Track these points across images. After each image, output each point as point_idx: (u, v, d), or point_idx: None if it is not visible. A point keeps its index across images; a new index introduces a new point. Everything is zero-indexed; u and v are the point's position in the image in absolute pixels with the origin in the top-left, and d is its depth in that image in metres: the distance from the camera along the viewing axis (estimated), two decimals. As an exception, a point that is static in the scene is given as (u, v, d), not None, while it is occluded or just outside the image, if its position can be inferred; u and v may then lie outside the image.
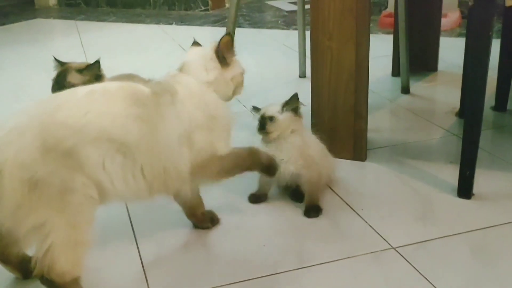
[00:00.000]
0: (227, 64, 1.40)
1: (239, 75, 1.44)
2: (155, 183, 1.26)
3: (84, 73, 2.03)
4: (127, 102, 1.21)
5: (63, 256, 1.14)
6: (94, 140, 1.14)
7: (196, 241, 1.47)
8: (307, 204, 1.56)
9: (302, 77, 2.83)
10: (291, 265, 1.34)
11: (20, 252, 1.28)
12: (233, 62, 1.42)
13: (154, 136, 1.23)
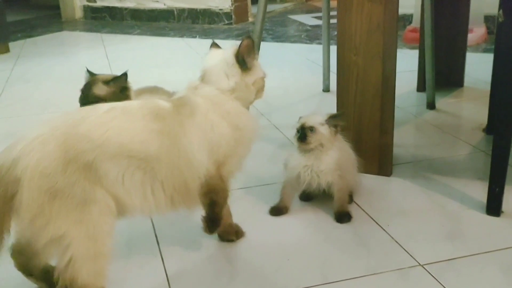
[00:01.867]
0: (248, 68, 1.36)
1: (260, 79, 1.41)
2: (176, 196, 1.25)
3: (110, 85, 2.05)
4: (147, 118, 1.21)
5: (85, 268, 1.14)
6: (113, 156, 1.15)
7: (220, 254, 1.46)
8: (338, 211, 1.59)
9: (326, 91, 2.83)
10: (315, 280, 1.33)
11: (43, 263, 1.27)
12: (254, 66, 1.37)
13: (176, 149, 1.23)
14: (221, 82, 1.34)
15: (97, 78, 2.08)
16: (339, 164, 1.57)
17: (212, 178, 1.30)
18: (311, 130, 1.55)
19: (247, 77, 1.36)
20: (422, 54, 2.57)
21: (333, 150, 1.57)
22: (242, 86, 1.35)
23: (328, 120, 1.57)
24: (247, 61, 1.35)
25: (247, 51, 1.35)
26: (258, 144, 2.14)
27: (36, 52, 4.13)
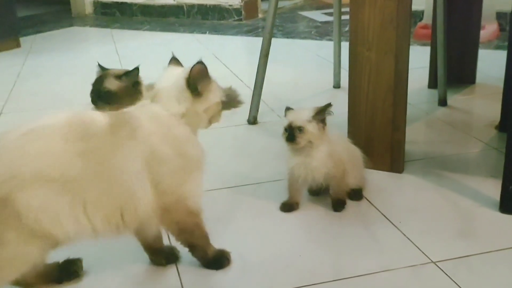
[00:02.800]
0: (199, 94, 1.26)
1: (214, 106, 1.30)
2: (109, 221, 1.17)
3: (122, 80, 2.05)
4: (70, 138, 1.12)
5: None
6: (31, 185, 1.07)
7: (231, 249, 1.45)
8: (334, 198, 1.60)
9: (337, 87, 2.81)
10: (327, 276, 1.32)
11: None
12: (207, 92, 1.28)
13: (105, 173, 1.14)
14: (172, 105, 1.25)
15: (108, 72, 2.08)
16: (331, 156, 1.56)
17: (175, 213, 1.24)
18: (299, 130, 1.52)
19: (198, 104, 1.26)
20: (434, 50, 2.56)
21: (323, 144, 1.56)
22: (192, 112, 1.26)
23: (315, 116, 1.54)
24: (198, 87, 1.26)
25: (199, 76, 1.26)
26: (268, 139, 2.16)
27: (47, 47, 4.14)
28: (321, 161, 1.55)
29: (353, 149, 1.67)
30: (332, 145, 1.58)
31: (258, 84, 2.36)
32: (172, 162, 1.21)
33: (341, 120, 2.32)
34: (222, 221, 1.59)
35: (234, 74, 3.15)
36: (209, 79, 1.29)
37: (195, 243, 1.32)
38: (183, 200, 1.24)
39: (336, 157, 1.57)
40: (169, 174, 1.21)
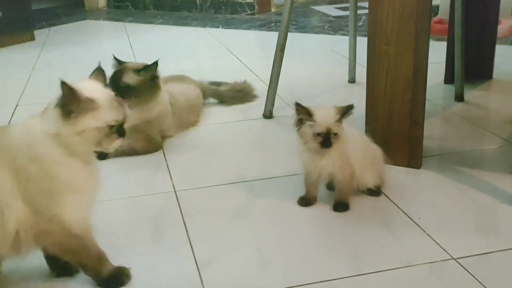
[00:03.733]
0: (68, 116, 1.15)
1: (92, 131, 1.17)
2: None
3: (141, 74, 2.05)
4: None
5: None
6: None
7: (248, 243, 1.45)
8: (336, 200, 1.59)
9: (352, 82, 2.80)
10: (347, 272, 1.31)
11: None
12: (82, 115, 1.15)
13: None
14: (47, 123, 1.18)
15: (126, 66, 2.08)
16: (341, 157, 1.54)
17: (50, 235, 1.20)
18: (335, 135, 1.51)
19: (68, 126, 1.15)
20: (450, 45, 2.53)
21: (339, 143, 1.53)
22: (63, 134, 1.17)
23: (339, 119, 1.52)
24: (70, 108, 1.15)
25: (67, 100, 1.14)
26: (284, 134, 2.16)
27: (61, 40, 4.15)
28: (330, 160, 1.54)
29: (373, 149, 1.65)
30: (345, 146, 1.55)
31: (273, 78, 2.35)
32: (39, 182, 1.16)
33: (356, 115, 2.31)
34: (239, 215, 1.59)
35: (248, 68, 3.15)
36: (78, 102, 1.14)
37: (83, 263, 1.27)
38: (59, 222, 1.18)
39: (345, 159, 1.55)
40: (38, 194, 1.16)
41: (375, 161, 1.65)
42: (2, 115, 2.50)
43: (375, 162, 1.64)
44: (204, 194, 1.72)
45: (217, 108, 2.52)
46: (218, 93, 2.57)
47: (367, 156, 1.61)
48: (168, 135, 2.17)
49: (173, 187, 1.78)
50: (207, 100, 2.55)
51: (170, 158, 2.00)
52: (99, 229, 1.53)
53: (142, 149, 2.04)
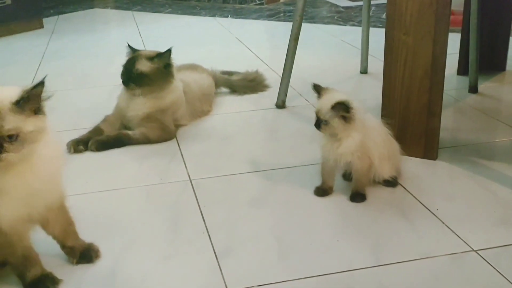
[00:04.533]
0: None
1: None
2: None
3: (154, 61, 2.04)
4: None
5: None
6: None
7: (267, 234, 1.45)
8: (353, 190, 1.59)
9: (364, 73, 2.78)
10: (367, 262, 1.31)
11: None
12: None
13: None
14: None
15: (140, 54, 2.08)
16: (360, 147, 1.53)
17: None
18: (325, 123, 1.51)
19: None
20: (465, 36, 2.52)
21: (356, 134, 1.52)
22: None
23: (333, 112, 1.50)
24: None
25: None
26: (297, 124, 2.14)
27: (69, 29, 4.14)
28: (348, 149, 1.53)
29: (392, 142, 1.64)
30: (366, 136, 1.55)
31: (287, 68, 2.33)
32: None
33: (369, 105, 2.31)
34: (256, 204, 1.59)
35: (259, 58, 3.13)
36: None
37: (8, 261, 1.24)
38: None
39: (365, 150, 1.55)
40: None
41: (393, 153, 1.64)
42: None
43: (393, 154, 1.63)
44: (220, 183, 1.72)
45: (229, 97, 2.51)
46: (230, 83, 2.56)
47: (387, 148, 1.60)
48: (181, 124, 2.16)
49: (188, 176, 1.77)
50: (219, 90, 2.54)
51: (184, 147, 1.99)
52: (116, 217, 1.55)
53: (156, 137, 2.03)
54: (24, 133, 1.10)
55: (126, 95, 2.09)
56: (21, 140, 1.09)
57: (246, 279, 1.27)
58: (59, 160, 1.24)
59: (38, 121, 1.13)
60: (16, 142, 1.09)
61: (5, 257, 1.24)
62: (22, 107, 1.10)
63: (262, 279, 1.27)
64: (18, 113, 1.09)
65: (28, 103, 1.11)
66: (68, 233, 1.33)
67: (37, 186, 1.18)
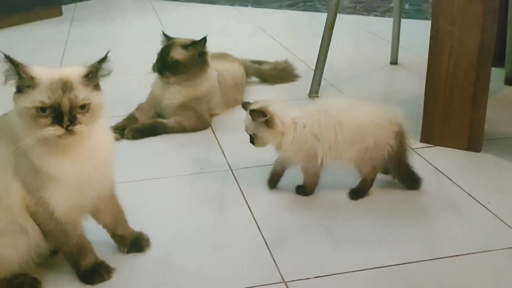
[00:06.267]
0: (16, 94, 1.09)
1: (22, 111, 1.07)
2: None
3: (189, 49, 2.01)
4: None
5: None
6: None
7: (316, 224, 1.42)
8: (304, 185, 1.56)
9: (393, 64, 2.75)
10: (422, 255, 1.28)
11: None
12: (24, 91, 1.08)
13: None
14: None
15: (175, 42, 2.05)
16: (300, 145, 1.48)
17: (37, 216, 1.15)
18: (254, 136, 1.49)
19: (14, 106, 1.11)
20: (500, 28, 2.47)
21: (287, 136, 1.48)
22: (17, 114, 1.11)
23: (255, 122, 1.47)
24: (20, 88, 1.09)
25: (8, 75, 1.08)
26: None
27: (89, 16, 4.11)
28: (288, 154, 1.51)
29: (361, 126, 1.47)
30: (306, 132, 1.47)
31: (321, 58, 2.30)
32: (24, 163, 1.11)
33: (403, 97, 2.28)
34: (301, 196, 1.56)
35: (284, 48, 3.10)
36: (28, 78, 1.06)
37: (62, 250, 1.23)
38: (42, 205, 1.14)
39: (306, 148, 1.48)
40: (25, 172, 1.12)
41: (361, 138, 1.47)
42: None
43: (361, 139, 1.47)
44: (260, 173, 1.69)
45: (260, 87, 2.48)
46: (261, 72, 2.53)
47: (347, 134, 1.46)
48: (215, 113, 2.14)
49: (228, 165, 1.74)
50: (249, 79, 2.51)
51: (220, 137, 1.97)
52: (160, 206, 1.53)
53: (191, 126, 2.01)
54: (94, 104, 1.10)
55: (160, 83, 2.07)
56: (91, 112, 1.10)
57: (302, 271, 1.24)
58: (111, 147, 1.22)
59: (100, 96, 1.13)
60: (87, 114, 1.09)
61: (59, 246, 1.23)
62: (89, 81, 1.10)
63: (318, 270, 1.24)
64: (86, 86, 1.10)
65: (94, 78, 1.11)
66: (118, 221, 1.31)
67: (91, 173, 1.16)
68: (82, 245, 1.22)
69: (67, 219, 1.18)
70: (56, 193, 1.13)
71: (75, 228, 1.21)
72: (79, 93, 1.08)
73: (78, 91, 1.08)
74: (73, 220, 1.20)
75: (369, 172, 1.52)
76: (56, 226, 1.17)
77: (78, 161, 1.14)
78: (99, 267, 1.24)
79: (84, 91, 1.09)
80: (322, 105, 1.52)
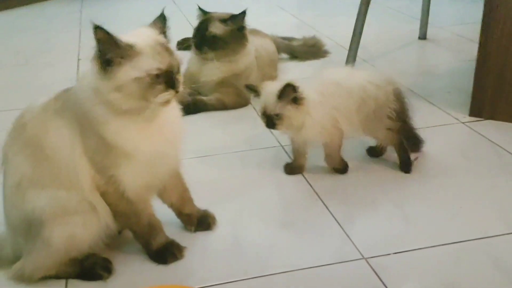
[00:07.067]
0: (106, 70, 1.01)
1: (131, 83, 1.01)
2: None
3: (228, 24, 1.95)
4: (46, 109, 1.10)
5: None
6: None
7: (384, 200, 1.38)
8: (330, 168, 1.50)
9: (422, 39, 2.69)
10: (500, 229, 1.25)
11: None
12: (121, 63, 1.00)
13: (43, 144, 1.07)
14: (89, 76, 1.05)
15: (212, 16, 1.99)
16: (325, 121, 1.41)
17: (107, 196, 1.11)
18: (277, 117, 1.38)
19: (106, 80, 1.01)
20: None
21: (311, 112, 1.39)
22: (102, 90, 1.03)
23: (282, 100, 1.36)
24: (111, 60, 1.00)
25: (103, 48, 1.00)
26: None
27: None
28: (314, 133, 1.42)
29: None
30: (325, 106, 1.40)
31: (357, 32, 2.25)
32: (93, 139, 1.06)
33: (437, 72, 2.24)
34: (361, 169, 1.52)
35: (306, 24, 3.03)
36: (125, 48, 1.00)
37: (133, 230, 1.18)
38: (114, 183, 1.09)
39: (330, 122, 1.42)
40: (95, 151, 1.07)
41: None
42: (69, 68, 2.41)
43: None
44: (314, 150, 1.63)
45: (291, 63, 2.43)
46: (291, 48, 2.47)
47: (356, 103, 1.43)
48: (253, 90, 2.08)
49: (278, 142, 1.70)
50: (279, 55, 2.45)
51: (262, 113, 1.92)
52: (218, 183, 1.49)
53: (232, 103, 1.96)
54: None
55: (197, 59, 2.00)
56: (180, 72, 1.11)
57: (380, 247, 1.21)
58: (181, 121, 1.18)
59: None
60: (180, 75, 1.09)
61: (129, 226, 1.18)
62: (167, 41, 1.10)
63: (396, 246, 1.21)
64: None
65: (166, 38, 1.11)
66: (184, 200, 1.26)
67: (165, 147, 1.12)
68: (153, 224, 1.18)
69: (138, 198, 1.13)
70: (128, 171, 1.08)
71: (146, 207, 1.16)
72: (177, 55, 1.05)
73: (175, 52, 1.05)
74: (143, 199, 1.15)
75: (386, 136, 1.47)
76: (127, 206, 1.12)
77: (153, 135, 1.09)
78: (170, 246, 1.19)
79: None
80: (328, 76, 1.46)
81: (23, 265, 1.13)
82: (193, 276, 1.15)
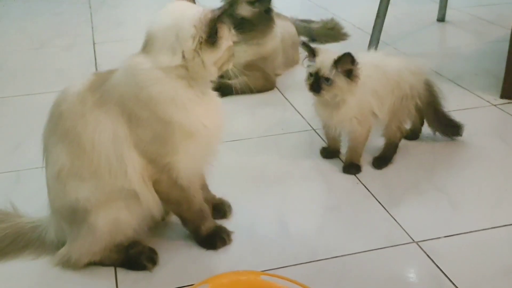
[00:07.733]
0: (211, 44, 1.02)
1: (227, 52, 1.06)
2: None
3: (255, 6, 1.91)
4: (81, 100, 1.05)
5: None
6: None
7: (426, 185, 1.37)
8: (348, 161, 1.44)
9: (441, 21, 2.66)
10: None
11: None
12: (221, 37, 1.03)
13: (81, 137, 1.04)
14: (162, 55, 1.02)
15: (238, -3, 1.94)
16: (361, 108, 1.38)
17: (160, 184, 1.09)
18: (327, 81, 1.32)
19: (208, 54, 1.02)
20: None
21: (354, 95, 1.35)
22: (196, 65, 1.02)
23: (337, 68, 1.31)
24: (218, 35, 1.03)
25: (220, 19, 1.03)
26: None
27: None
28: (347, 115, 1.37)
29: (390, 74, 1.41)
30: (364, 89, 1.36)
31: (381, 14, 2.21)
32: (151, 127, 1.03)
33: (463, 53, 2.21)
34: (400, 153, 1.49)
35: (321, 7, 2.99)
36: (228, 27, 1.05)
37: (183, 216, 1.16)
38: (167, 171, 1.07)
39: (365, 111, 1.38)
40: (150, 141, 1.04)
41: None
42: (84, 52, 2.37)
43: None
44: (345, 131, 1.62)
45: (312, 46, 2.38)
46: (311, 31, 2.43)
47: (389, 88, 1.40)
48: (277, 73, 2.05)
49: (309, 125, 1.67)
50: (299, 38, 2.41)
51: (290, 97, 1.89)
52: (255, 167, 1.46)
53: (258, 87, 1.93)
54: None
55: (222, 42, 1.96)
56: None
57: (429, 230, 1.19)
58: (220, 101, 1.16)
59: None
60: None
61: (180, 213, 1.16)
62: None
63: (446, 230, 1.19)
64: None
65: None
66: (203, 186, 1.23)
67: (220, 122, 1.12)
68: (203, 210, 1.16)
69: (190, 184, 1.11)
70: (184, 156, 1.06)
71: (197, 193, 1.14)
72: None
73: None
74: (194, 185, 1.13)
75: (394, 133, 1.45)
76: (180, 193, 1.11)
77: (211, 110, 1.09)
78: (219, 231, 1.18)
79: None
80: (365, 59, 1.39)
81: (69, 251, 1.11)
82: (242, 263, 1.13)
